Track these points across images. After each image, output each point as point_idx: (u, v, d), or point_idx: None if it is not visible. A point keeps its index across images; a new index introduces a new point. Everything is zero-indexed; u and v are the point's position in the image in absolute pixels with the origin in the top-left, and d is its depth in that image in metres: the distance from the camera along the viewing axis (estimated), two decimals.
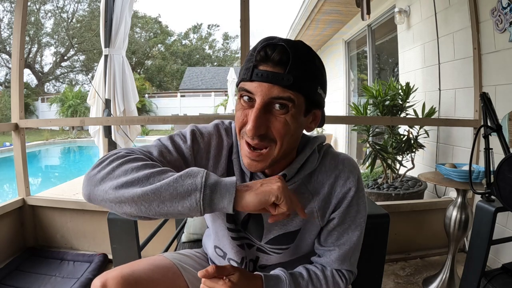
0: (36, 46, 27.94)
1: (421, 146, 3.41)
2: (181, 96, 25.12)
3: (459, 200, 2.26)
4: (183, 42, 40.14)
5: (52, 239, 2.83)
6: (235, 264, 1.15)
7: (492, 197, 1.67)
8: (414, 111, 3.34)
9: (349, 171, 1.02)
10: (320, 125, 1.03)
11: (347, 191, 1.01)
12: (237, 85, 0.91)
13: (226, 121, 1.10)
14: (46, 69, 29.85)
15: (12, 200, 2.74)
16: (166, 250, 1.77)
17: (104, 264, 2.58)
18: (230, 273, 0.91)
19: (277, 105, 0.84)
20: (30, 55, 27.51)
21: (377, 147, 3.52)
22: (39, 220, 2.82)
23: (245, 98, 0.86)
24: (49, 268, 2.50)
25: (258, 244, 1.10)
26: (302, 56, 0.84)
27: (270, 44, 0.83)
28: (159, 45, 36.23)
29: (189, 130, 1.01)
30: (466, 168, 2.11)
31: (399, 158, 3.55)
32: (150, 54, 35.07)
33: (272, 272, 1.03)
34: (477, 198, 2.47)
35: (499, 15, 2.46)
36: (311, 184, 1.03)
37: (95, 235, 2.77)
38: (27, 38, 23.90)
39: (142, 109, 21.98)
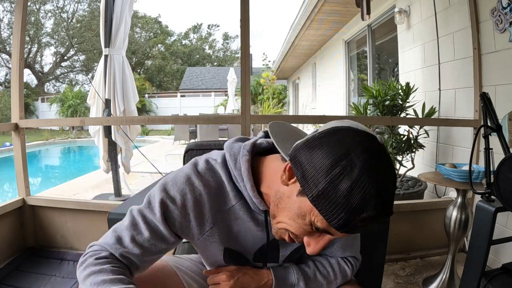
0: (36, 46, 27.95)
1: (421, 146, 3.40)
2: (181, 96, 25.09)
3: (459, 200, 2.26)
4: (183, 42, 40.15)
5: (52, 239, 2.83)
6: None
7: (492, 197, 1.67)
8: (414, 111, 3.34)
9: None
10: None
11: None
12: (313, 200, 0.73)
13: (201, 162, 0.96)
14: (46, 69, 29.87)
15: (12, 200, 2.74)
16: None
17: None
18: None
19: None
20: (30, 55, 27.51)
21: None
22: (39, 220, 2.82)
23: (316, 228, 0.78)
24: (49, 268, 2.50)
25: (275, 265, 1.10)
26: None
27: (381, 217, 0.72)
28: (159, 45, 36.25)
29: (157, 199, 0.91)
30: (466, 168, 2.11)
31: (399, 158, 3.54)
32: (150, 54, 35.08)
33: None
34: (477, 198, 2.47)
35: (499, 15, 2.46)
36: None
37: (95, 235, 2.74)
38: (27, 38, 23.88)
39: (142, 109, 21.96)
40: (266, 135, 1.04)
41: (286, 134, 0.96)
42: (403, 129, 3.60)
